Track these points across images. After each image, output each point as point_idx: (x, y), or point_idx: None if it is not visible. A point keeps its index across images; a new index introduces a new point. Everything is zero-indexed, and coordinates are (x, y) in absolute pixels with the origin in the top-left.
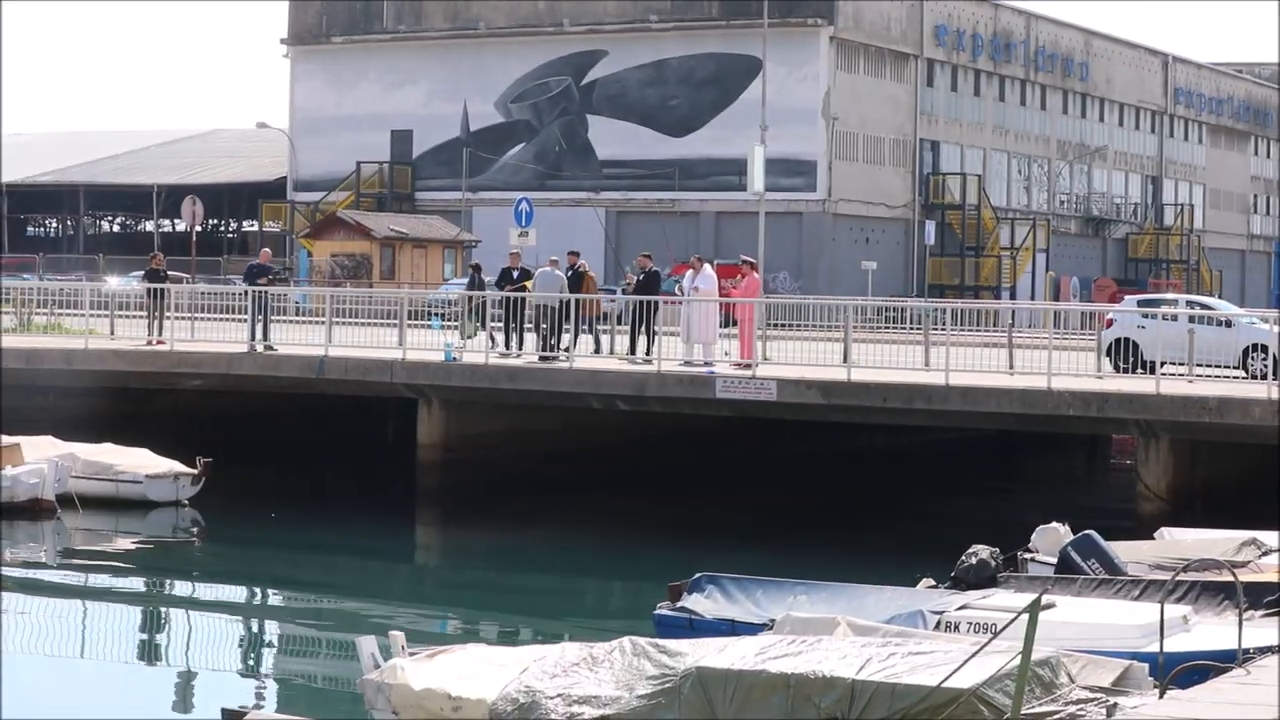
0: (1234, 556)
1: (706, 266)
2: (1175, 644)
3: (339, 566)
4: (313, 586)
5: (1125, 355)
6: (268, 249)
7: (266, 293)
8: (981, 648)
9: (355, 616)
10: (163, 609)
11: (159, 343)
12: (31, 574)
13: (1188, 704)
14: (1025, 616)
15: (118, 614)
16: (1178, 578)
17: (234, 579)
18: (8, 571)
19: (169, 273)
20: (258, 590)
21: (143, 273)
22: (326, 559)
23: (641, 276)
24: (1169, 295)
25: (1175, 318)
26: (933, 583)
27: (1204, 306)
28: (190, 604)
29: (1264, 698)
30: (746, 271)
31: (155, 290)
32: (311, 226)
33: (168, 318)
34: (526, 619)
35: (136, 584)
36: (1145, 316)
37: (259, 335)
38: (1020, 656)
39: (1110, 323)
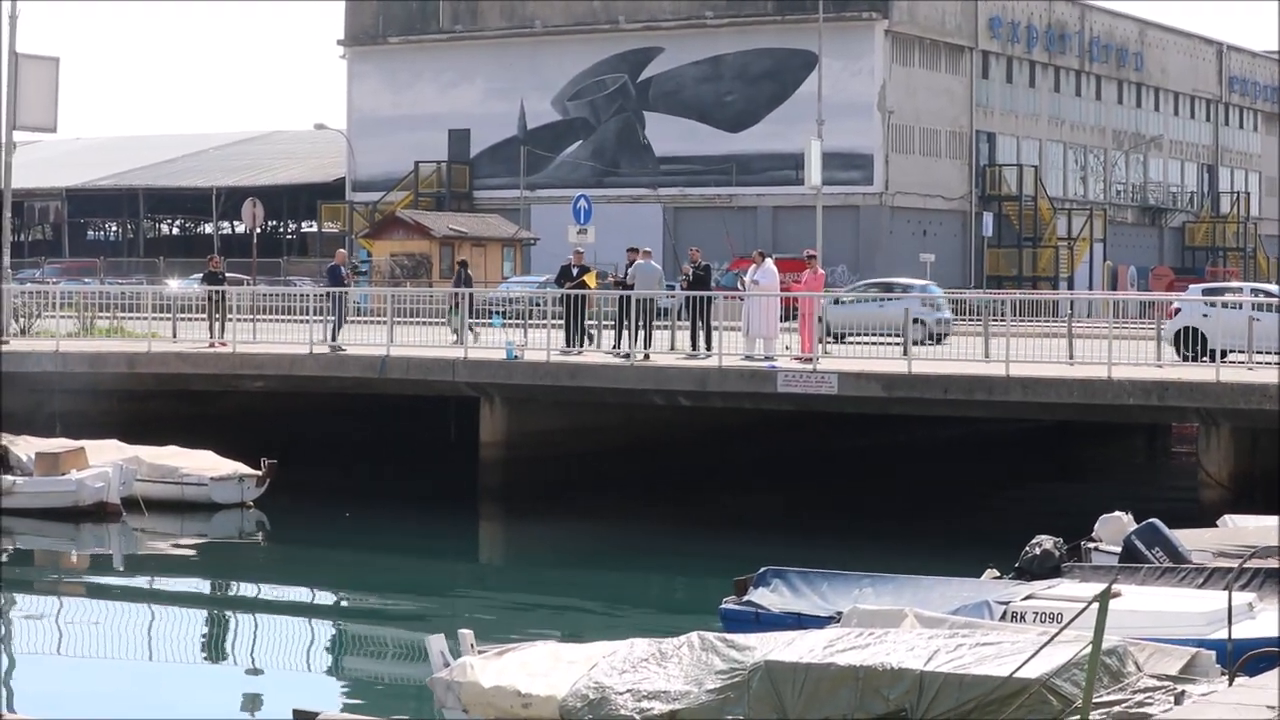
0: None
1: (768, 261)
2: (1241, 631)
3: (404, 566)
4: (378, 586)
5: (1190, 344)
6: (343, 250)
7: (345, 293)
8: (1053, 637)
9: (422, 615)
10: (229, 611)
11: (220, 345)
12: (98, 578)
13: (1258, 691)
14: (1095, 606)
15: (185, 616)
16: (1243, 565)
17: (300, 580)
18: (76, 577)
19: (227, 274)
20: (324, 591)
21: (201, 275)
22: (391, 559)
23: (697, 271)
24: (1233, 284)
25: (1240, 305)
26: (997, 574)
27: (1266, 294)
28: (257, 605)
29: None
30: (813, 265)
31: (214, 293)
32: (371, 227)
33: (229, 319)
34: (593, 615)
35: (203, 586)
36: (1210, 305)
37: (330, 336)
38: (1090, 646)
39: (1175, 312)
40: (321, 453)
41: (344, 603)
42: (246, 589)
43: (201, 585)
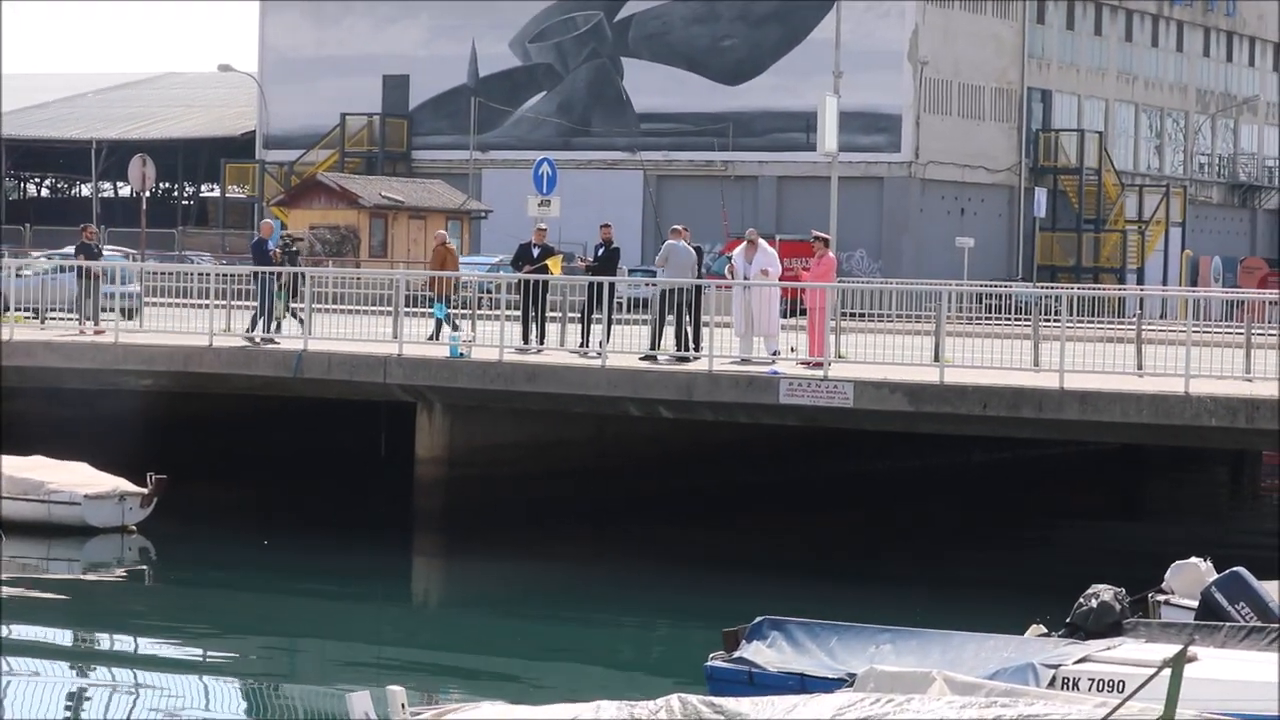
0: None
1: (764, 244)
2: None
3: (321, 607)
4: (290, 632)
5: None
6: (269, 221)
7: (272, 274)
8: (1115, 710)
9: (342, 668)
10: (103, 665)
11: (96, 333)
12: None
13: None
14: (1166, 672)
15: (48, 670)
16: None
17: (191, 623)
18: None
19: (105, 248)
20: (222, 637)
21: (74, 247)
22: (306, 598)
23: (602, 252)
24: None
25: None
26: (1044, 630)
27: None
28: (139, 656)
29: None
30: (821, 250)
31: (86, 270)
32: (286, 192)
33: (104, 306)
34: (551, 671)
35: (72, 628)
36: None
37: (266, 327)
38: None
39: None
40: (222, 468)
41: (247, 652)
42: (126, 633)
43: (70, 628)
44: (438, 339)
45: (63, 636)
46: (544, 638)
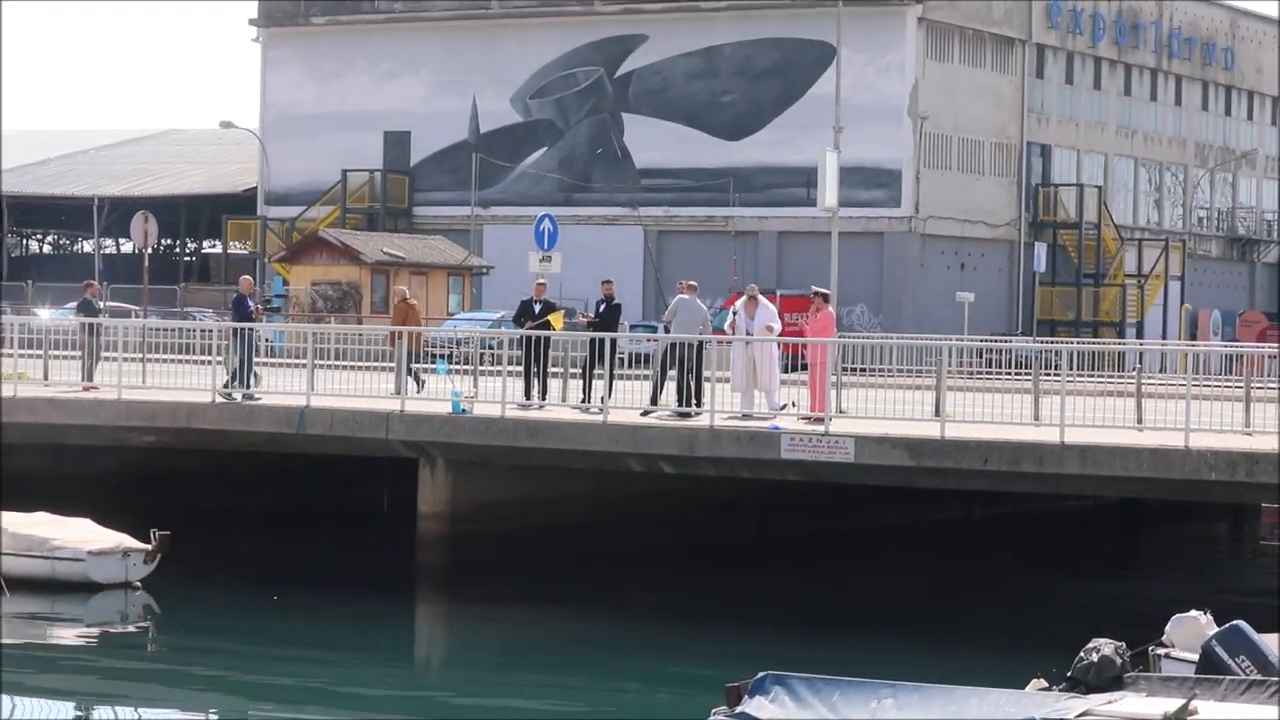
0: None
1: (764, 300)
2: None
3: (324, 664)
4: (292, 688)
5: None
6: (248, 276)
7: (252, 330)
8: None
9: None
10: (109, 718)
11: (91, 389)
12: None
13: None
14: None
15: None
16: None
17: (195, 679)
18: None
19: (108, 304)
20: (225, 693)
21: (76, 304)
22: (309, 655)
23: (603, 308)
24: None
25: None
26: (1046, 684)
27: None
28: (144, 711)
29: None
30: (820, 304)
31: (89, 326)
32: (288, 248)
33: (106, 358)
34: None
35: (75, 685)
36: None
37: (245, 381)
38: None
39: None
40: (225, 524)
41: (252, 708)
42: (128, 690)
43: (74, 685)
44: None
45: (67, 693)
46: (547, 693)
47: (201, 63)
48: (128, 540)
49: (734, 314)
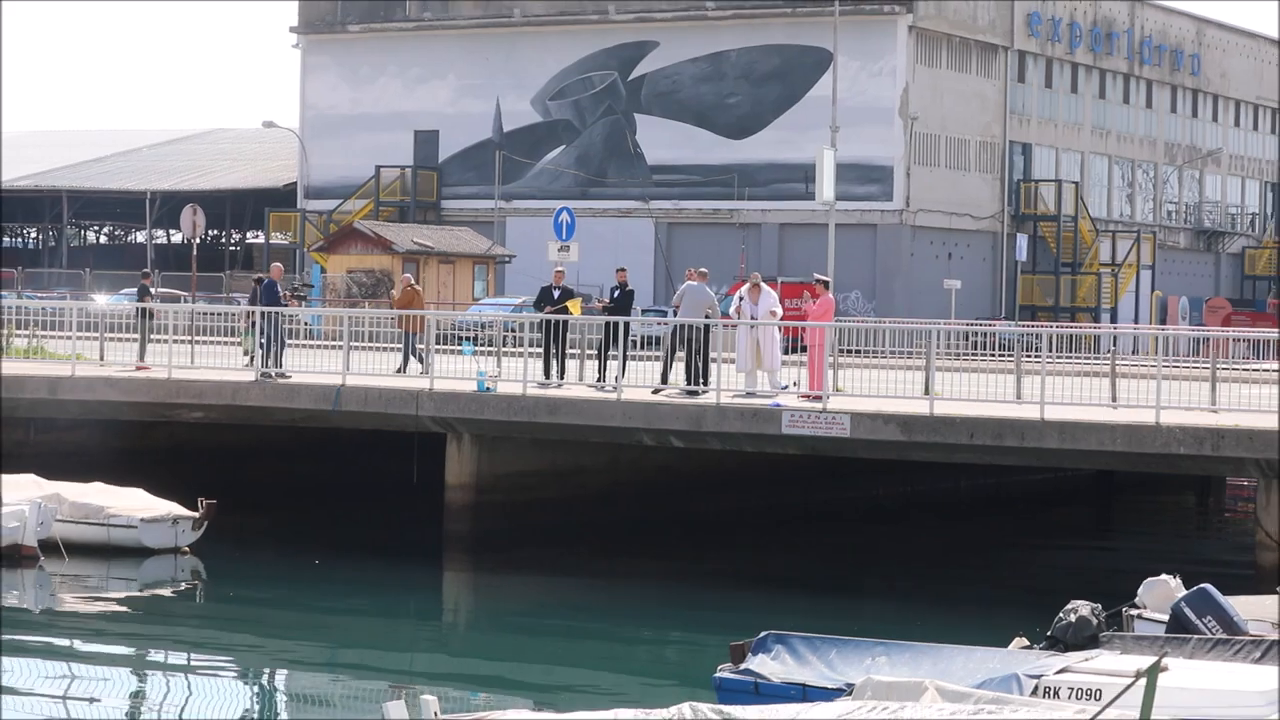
0: None
1: (767, 287)
2: None
3: (359, 622)
4: (330, 645)
5: None
6: (279, 264)
7: (279, 314)
8: (1095, 716)
9: (378, 678)
10: (158, 672)
11: (142, 369)
12: (9, 633)
13: None
14: (1142, 682)
15: (108, 677)
16: None
17: (240, 636)
18: None
19: (157, 290)
20: (267, 650)
21: (135, 290)
22: (345, 614)
23: (617, 294)
24: None
25: None
26: (1027, 643)
27: None
28: (190, 666)
29: None
30: (820, 291)
31: (142, 310)
32: (325, 239)
33: (155, 340)
34: (571, 681)
35: (129, 643)
36: None
37: (270, 363)
38: None
39: None
40: (267, 493)
41: (290, 664)
42: (179, 647)
43: (127, 642)
44: (404, 372)
45: (120, 649)
46: (564, 649)
47: (245, 67)
48: (177, 508)
49: (739, 299)
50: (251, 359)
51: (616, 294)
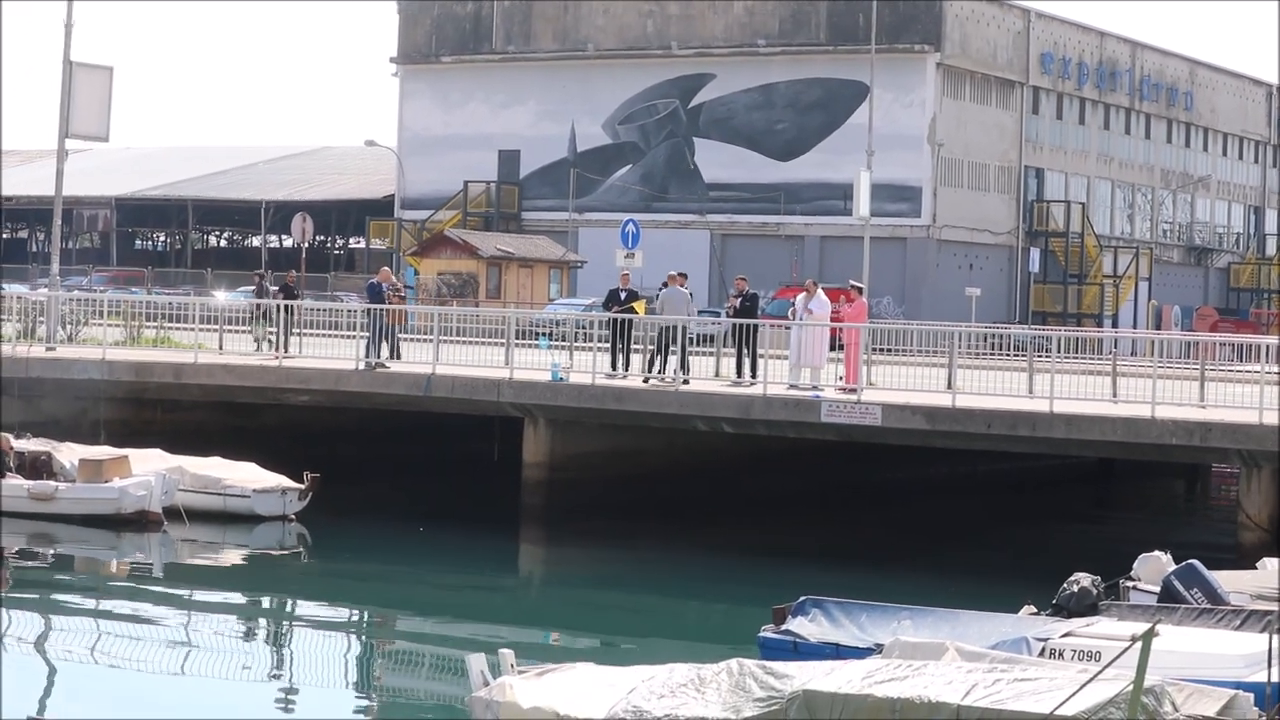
0: None
1: (821, 291)
2: None
3: (444, 584)
4: (419, 604)
5: None
6: (386, 268)
7: (385, 311)
8: (1096, 675)
9: (461, 634)
10: (268, 624)
11: (285, 358)
12: (138, 586)
13: None
14: (1137, 646)
15: (223, 628)
16: None
17: (339, 595)
18: (116, 585)
19: (300, 291)
20: (363, 607)
21: (277, 287)
22: (431, 577)
23: (745, 300)
24: None
25: None
26: (1035, 610)
27: None
28: (295, 620)
29: None
30: (855, 295)
31: (287, 306)
32: (419, 245)
33: (269, 333)
34: (631, 639)
35: (242, 598)
36: None
37: (376, 354)
38: (1130, 685)
39: None
40: (364, 469)
41: (383, 619)
42: (286, 603)
43: (241, 598)
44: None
45: (234, 600)
46: (626, 610)
47: (351, 92)
48: (285, 481)
49: (795, 302)
50: (259, 345)
51: (740, 302)
